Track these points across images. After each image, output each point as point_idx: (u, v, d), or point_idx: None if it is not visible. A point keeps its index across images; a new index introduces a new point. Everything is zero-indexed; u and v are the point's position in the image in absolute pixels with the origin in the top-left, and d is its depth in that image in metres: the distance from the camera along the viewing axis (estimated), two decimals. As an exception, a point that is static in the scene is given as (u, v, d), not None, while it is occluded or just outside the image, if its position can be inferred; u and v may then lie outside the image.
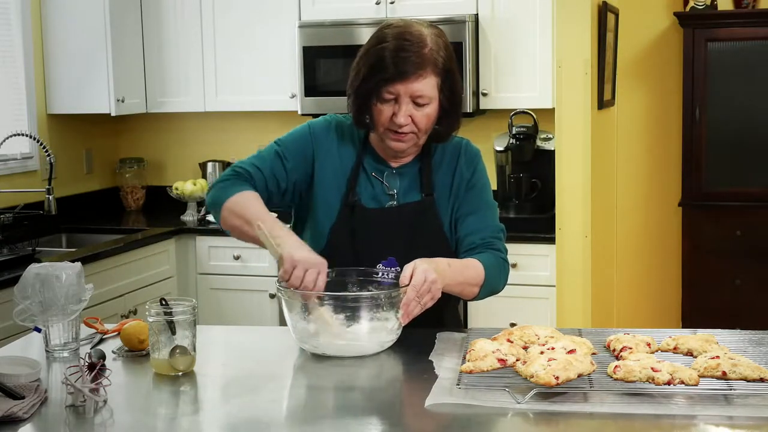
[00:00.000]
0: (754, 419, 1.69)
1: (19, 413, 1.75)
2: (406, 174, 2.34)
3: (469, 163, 2.37)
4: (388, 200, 2.32)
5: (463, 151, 2.38)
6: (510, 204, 4.45)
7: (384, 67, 2.18)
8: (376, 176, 2.33)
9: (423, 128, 2.24)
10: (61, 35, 4.64)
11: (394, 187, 2.32)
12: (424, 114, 2.21)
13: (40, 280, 2.07)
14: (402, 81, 2.17)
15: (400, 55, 2.17)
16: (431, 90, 2.21)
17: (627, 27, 4.92)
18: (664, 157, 5.06)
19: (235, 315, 4.54)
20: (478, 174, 2.39)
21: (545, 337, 2.05)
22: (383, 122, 2.23)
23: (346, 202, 2.29)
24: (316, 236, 2.31)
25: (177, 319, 2.01)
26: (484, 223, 2.34)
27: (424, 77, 2.19)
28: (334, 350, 2.08)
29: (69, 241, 4.58)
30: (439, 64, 2.21)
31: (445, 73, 2.22)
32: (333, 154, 2.32)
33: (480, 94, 4.44)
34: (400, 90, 2.18)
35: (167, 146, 5.28)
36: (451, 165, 2.36)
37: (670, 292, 5.09)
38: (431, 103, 2.22)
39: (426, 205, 2.31)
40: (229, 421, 1.78)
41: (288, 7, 4.64)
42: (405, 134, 2.23)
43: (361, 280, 2.22)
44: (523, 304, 4.16)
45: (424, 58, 2.18)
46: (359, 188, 2.31)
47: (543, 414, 1.73)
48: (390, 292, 2.08)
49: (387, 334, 2.10)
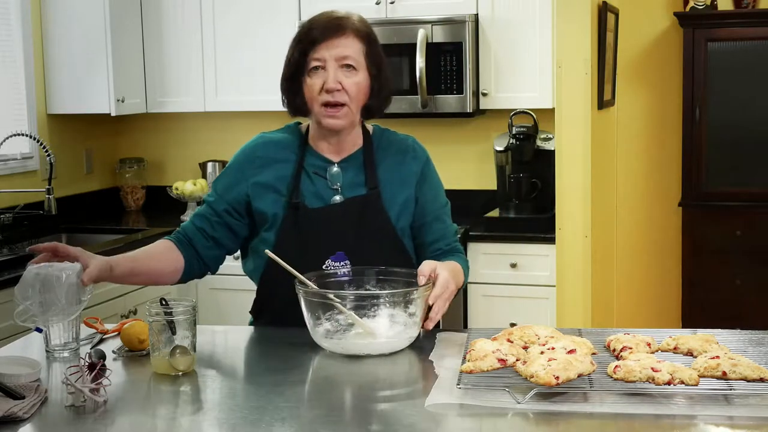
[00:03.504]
0: (754, 419, 1.69)
1: (19, 413, 1.75)
2: (349, 168, 2.36)
3: (420, 160, 2.41)
4: (332, 195, 2.34)
5: (410, 147, 2.43)
6: (510, 204, 4.45)
7: (308, 35, 2.28)
8: (318, 173, 2.35)
9: (354, 96, 2.27)
10: (61, 35, 4.64)
11: (337, 181, 2.35)
12: (353, 81, 2.26)
13: (40, 281, 2.07)
14: (325, 41, 2.25)
15: (322, 22, 2.29)
16: (357, 53, 2.27)
17: (627, 27, 4.92)
18: (664, 157, 5.06)
19: (235, 315, 4.53)
20: (433, 174, 2.44)
21: (545, 337, 2.05)
22: (315, 95, 2.27)
23: (290, 204, 2.31)
24: (263, 245, 2.32)
25: (177, 319, 2.01)
26: (447, 228, 2.43)
27: (347, 37, 2.26)
28: (369, 349, 2.10)
29: (69, 241, 4.57)
30: (360, 31, 2.29)
31: (368, 41, 2.29)
32: (264, 169, 2.35)
33: (480, 94, 4.43)
34: (325, 54, 2.25)
35: (167, 146, 5.28)
36: (399, 160, 2.39)
37: (670, 292, 5.09)
38: (359, 70, 2.27)
39: (372, 198, 2.33)
40: (229, 421, 1.78)
41: (288, 7, 4.64)
42: (338, 107, 2.26)
43: (381, 279, 2.25)
44: (523, 304, 4.16)
45: (345, 23, 2.28)
46: (301, 188, 2.33)
47: (543, 414, 1.73)
48: (414, 290, 2.12)
49: (415, 328, 2.14)
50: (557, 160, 4.08)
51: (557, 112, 4.07)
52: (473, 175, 4.76)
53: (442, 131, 4.74)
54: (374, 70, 2.30)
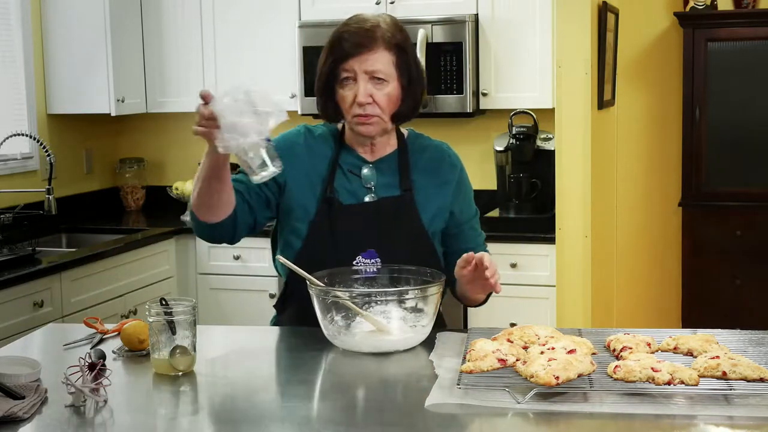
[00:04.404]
0: (754, 419, 1.69)
1: (19, 413, 1.75)
2: (383, 169, 2.38)
3: (457, 168, 2.45)
4: (366, 193, 2.36)
5: (446, 154, 2.46)
6: (510, 204, 4.45)
7: (339, 46, 2.29)
8: (353, 171, 2.37)
9: (385, 108, 2.29)
10: (61, 35, 4.64)
11: (371, 181, 2.36)
12: (384, 93, 2.28)
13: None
14: (355, 56, 2.26)
15: (352, 32, 2.29)
16: (386, 66, 2.28)
17: (627, 27, 4.91)
18: (664, 157, 5.06)
19: (235, 315, 4.54)
20: (467, 182, 2.49)
21: (545, 337, 2.05)
22: (347, 107, 2.29)
23: (324, 198, 2.33)
24: (294, 236, 2.34)
25: (177, 319, 2.01)
26: (479, 236, 2.48)
27: (376, 51, 2.27)
28: (383, 346, 2.12)
29: (69, 241, 4.58)
30: (390, 41, 2.29)
31: (398, 50, 2.30)
32: (303, 159, 2.36)
33: (480, 94, 4.44)
34: (355, 66, 2.26)
35: (167, 146, 5.28)
36: (434, 165, 2.42)
37: (670, 292, 5.09)
38: (390, 81, 2.28)
39: (405, 200, 2.35)
40: (229, 421, 1.78)
41: (288, 7, 4.64)
42: (369, 116, 2.28)
43: (394, 278, 2.27)
44: (523, 304, 4.16)
45: (374, 35, 2.28)
46: (336, 184, 2.35)
47: (543, 414, 1.73)
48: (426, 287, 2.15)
49: (429, 321, 2.16)
50: (557, 160, 4.08)
51: (557, 112, 4.07)
52: (473, 175, 4.66)
53: (442, 131, 4.73)
54: (405, 80, 2.31)
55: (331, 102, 2.33)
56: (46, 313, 3.66)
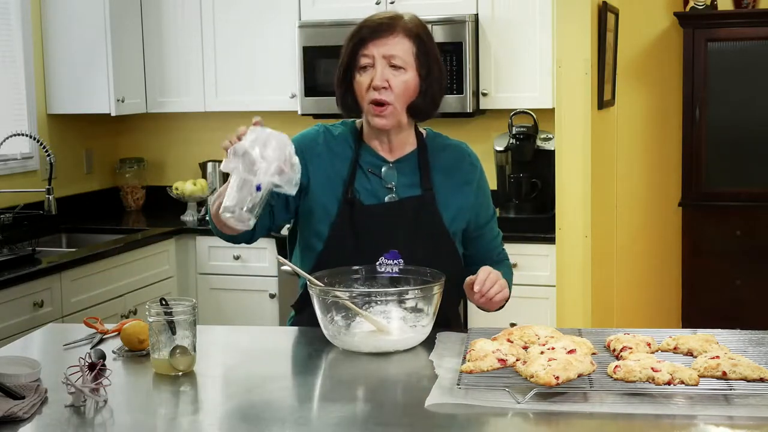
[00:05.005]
0: (754, 419, 1.69)
1: (19, 413, 1.75)
2: (404, 168, 2.37)
3: (477, 169, 2.44)
4: (386, 193, 2.34)
5: (466, 153, 2.45)
6: (510, 204, 4.45)
7: (359, 33, 2.29)
8: (373, 171, 2.35)
9: (400, 95, 2.27)
10: (61, 35, 4.64)
11: (391, 181, 2.35)
12: (401, 80, 2.27)
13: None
14: (374, 40, 2.26)
15: (373, 21, 2.30)
16: (405, 53, 2.27)
17: (627, 27, 4.91)
18: (664, 157, 5.06)
19: (235, 315, 4.54)
20: (486, 182, 2.48)
21: (545, 337, 2.05)
22: (363, 93, 2.28)
23: (345, 199, 2.31)
24: (315, 239, 2.33)
25: (177, 319, 2.02)
26: (497, 236, 2.49)
27: (396, 37, 2.27)
28: (388, 346, 2.12)
29: (69, 241, 4.58)
30: (411, 30, 2.29)
31: (418, 41, 2.29)
32: (323, 158, 2.35)
33: (480, 94, 4.44)
34: (373, 51, 2.26)
35: (167, 146, 5.28)
36: (454, 165, 2.41)
37: (670, 292, 5.09)
38: (408, 70, 2.27)
39: (426, 200, 2.34)
40: (229, 421, 1.78)
41: (288, 7, 4.64)
42: (384, 105, 2.26)
43: (393, 278, 2.27)
44: (523, 304, 4.15)
45: (396, 22, 2.29)
46: (356, 185, 2.33)
47: (543, 414, 1.73)
48: (423, 287, 2.15)
49: (429, 321, 2.17)
50: (557, 160, 4.08)
51: (557, 112, 4.07)
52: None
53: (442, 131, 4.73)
54: (423, 71, 2.29)
55: (350, 93, 2.32)
56: (46, 313, 3.66)
